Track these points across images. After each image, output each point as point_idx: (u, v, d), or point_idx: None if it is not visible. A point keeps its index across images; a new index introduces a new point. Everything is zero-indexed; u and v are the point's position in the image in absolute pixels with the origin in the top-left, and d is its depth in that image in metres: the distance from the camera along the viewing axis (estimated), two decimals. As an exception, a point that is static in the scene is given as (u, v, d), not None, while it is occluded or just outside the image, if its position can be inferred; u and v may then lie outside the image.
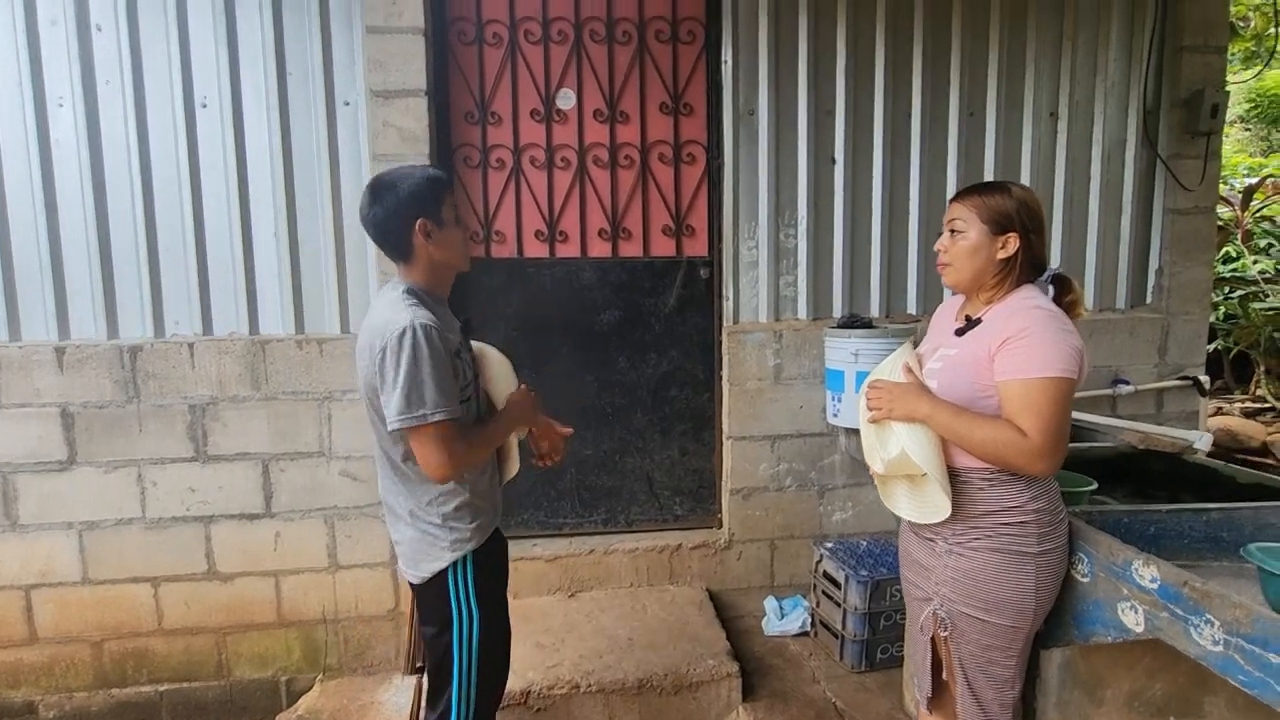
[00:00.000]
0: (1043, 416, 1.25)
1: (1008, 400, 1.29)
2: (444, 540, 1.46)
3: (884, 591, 2.25)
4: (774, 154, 2.62)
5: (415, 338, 1.33)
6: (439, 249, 1.47)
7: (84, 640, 2.41)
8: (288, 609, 2.49)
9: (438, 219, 1.45)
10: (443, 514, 1.46)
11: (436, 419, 1.34)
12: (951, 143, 2.71)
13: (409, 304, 1.40)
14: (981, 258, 1.37)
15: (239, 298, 2.41)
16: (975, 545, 1.35)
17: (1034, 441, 1.25)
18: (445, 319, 1.49)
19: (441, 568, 1.47)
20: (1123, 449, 2.07)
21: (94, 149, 2.31)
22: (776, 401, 2.66)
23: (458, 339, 1.49)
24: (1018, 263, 1.37)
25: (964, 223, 1.39)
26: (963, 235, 1.38)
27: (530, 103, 2.59)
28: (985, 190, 1.40)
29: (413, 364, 1.33)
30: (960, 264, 1.40)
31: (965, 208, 1.39)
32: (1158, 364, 2.86)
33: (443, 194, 1.47)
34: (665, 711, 2.13)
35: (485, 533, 1.52)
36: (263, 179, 2.40)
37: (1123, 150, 2.83)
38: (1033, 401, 1.25)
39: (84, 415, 2.34)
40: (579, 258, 2.66)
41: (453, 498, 1.46)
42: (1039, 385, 1.25)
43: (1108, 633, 1.33)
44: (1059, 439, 1.27)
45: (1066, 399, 1.26)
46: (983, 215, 1.37)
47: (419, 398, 1.33)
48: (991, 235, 1.36)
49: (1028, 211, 1.38)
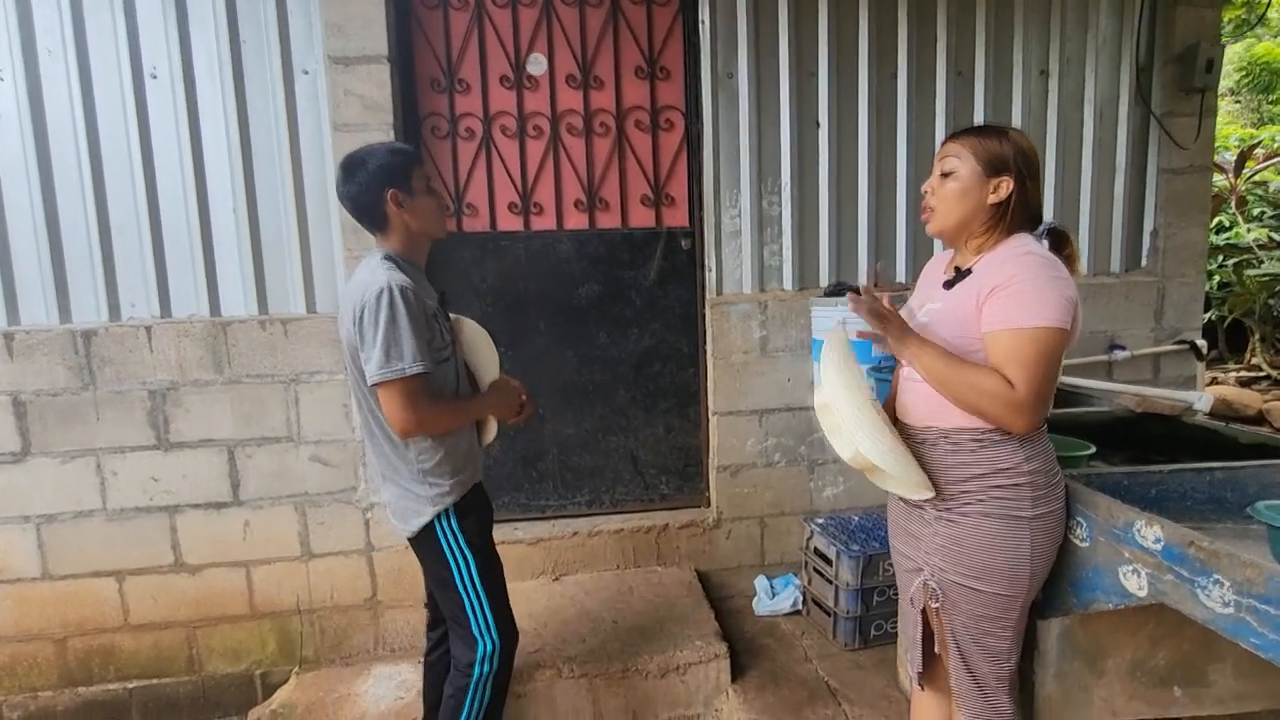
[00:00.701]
0: (1028, 368, 1.17)
1: (994, 352, 1.20)
2: (426, 496, 1.56)
3: (876, 566, 2.17)
4: (755, 118, 2.52)
5: (393, 296, 1.42)
6: (412, 217, 1.56)
7: (46, 638, 2.32)
8: (260, 600, 2.40)
9: (408, 188, 1.53)
10: (423, 470, 1.56)
11: (414, 371, 1.42)
12: (939, 103, 2.61)
13: (386, 268, 1.48)
14: (971, 201, 1.28)
15: (198, 278, 2.30)
16: (965, 510, 1.27)
17: (1018, 394, 1.17)
18: (423, 286, 1.57)
19: (426, 521, 1.57)
20: (1120, 413, 1.99)
21: (38, 124, 2.19)
22: (763, 375, 2.58)
23: (435, 305, 1.58)
24: (1010, 210, 1.28)
25: (957, 161, 1.29)
26: (954, 176, 1.29)
27: (499, 68, 2.47)
28: (982, 131, 1.31)
29: (390, 321, 1.42)
30: (947, 207, 1.31)
31: (960, 146, 1.30)
32: (1154, 328, 2.79)
33: (411, 165, 1.55)
34: (652, 696, 2.06)
35: (465, 487, 1.62)
36: (219, 153, 2.28)
37: (1115, 108, 2.73)
38: (1020, 353, 1.17)
39: (37, 404, 2.24)
40: (555, 230, 2.56)
41: (432, 455, 1.55)
42: (1027, 335, 1.17)
43: (1109, 599, 1.25)
44: (1043, 394, 1.18)
45: (1055, 352, 1.18)
46: (978, 155, 1.28)
47: (397, 353, 1.42)
48: (984, 177, 1.28)
49: (1024, 157, 1.28)
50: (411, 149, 1.59)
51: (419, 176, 1.56)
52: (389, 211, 1.53)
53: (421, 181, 1.57)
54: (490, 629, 1.64)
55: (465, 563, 1.60)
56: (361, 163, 1.54)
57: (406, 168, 1.54)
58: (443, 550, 1.59)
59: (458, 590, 1.61)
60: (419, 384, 1.46)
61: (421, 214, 1.57)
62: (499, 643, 1.64)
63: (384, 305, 1.42)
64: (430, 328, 1.51)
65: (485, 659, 1.63)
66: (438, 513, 1.57)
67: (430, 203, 1.59)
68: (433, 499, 1.57)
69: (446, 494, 1.58)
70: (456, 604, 1.63)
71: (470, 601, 1.62)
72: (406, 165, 1.55)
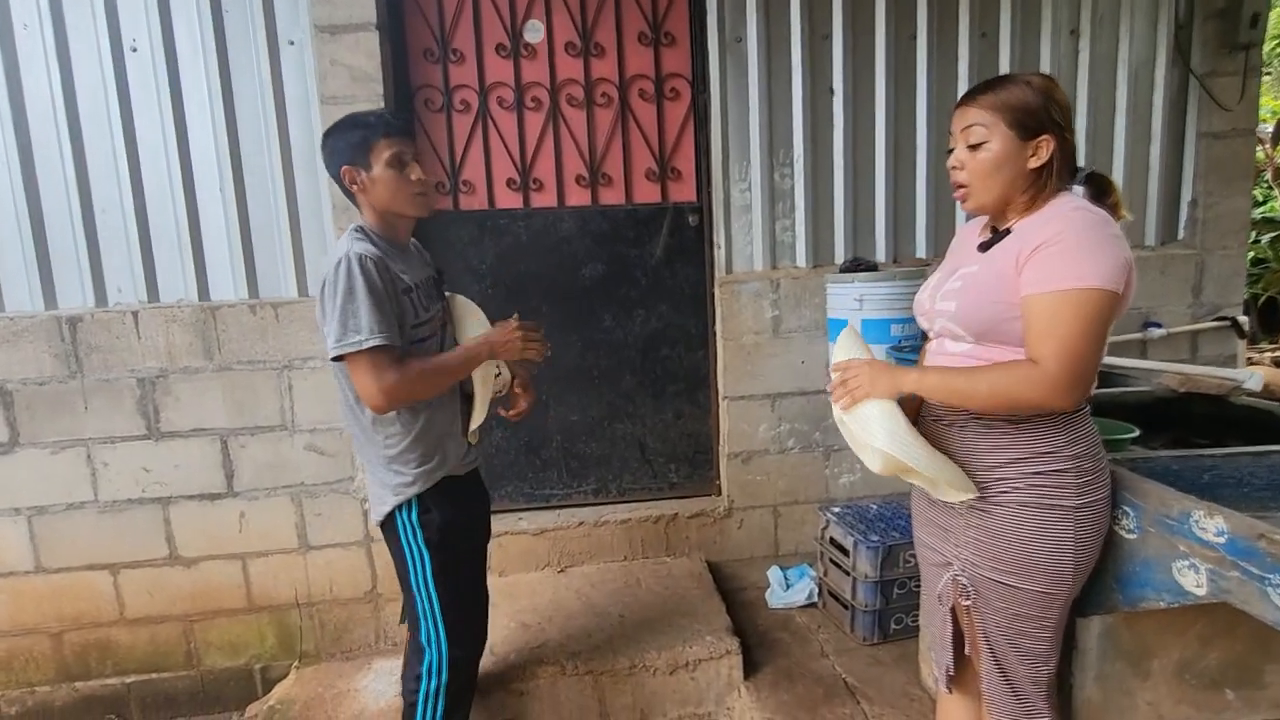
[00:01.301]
0: (1069, 336, 1.03)
1: (1031, 319, 1.07)
2: (389, 484, 1.47)
3: (897, 557, 2.06)
4: (766, 86, 2.38)
5: (350, 266, 1.34)
6: (371, 195, 1.46)
7: (42, 632, 2.27)
8: (258, 593, 2.34)
9: (364, 164, 1.43)
10: (388, 457, 1.47)
11: (372, 343, 1.33)
12: (962, 67, 2.45)
13: (353, 239, 1.41)
14: (1009, 172, 1.13)
15: (185, 261, 2.21)
16: (1002, 500, 1.15)
17: (1050, 368, 1.04)
18: (402, 261, 1.48)
19: (387, 510, 1.48)
20: (1160, 393, 1.85)
21: (15, 102, 2.10)
22: (776, 356, 2.46)
23: (413, 280, 1.47)
24: (1054, 171, 1.14)
25: (984, 130, 1.13)
26: (984, 147, 1.14)
27: (495, 36, 2.35)
28: (1001, 86, 1.14)
29: (348, 291, 1.33)
30: (984, 183, 1.15)
31: (983, 111, 1.14)
32: (1191, 304, 2.63)
33: (371, 139, 1.43)
34: (660, 694, 1.97)
35: (431, 479, 1.49)
36: (203, 130, 2.18)
37: (1151, 69, 2.56)
38: (1058, 318, 1.03)
39: (24, 393, 2.17)
40: (556, 208, 2.45)
41: (399, 440, 1.46)
42: (1070, 299, 1.03)
43: (1160, 597, 1.13)
44: (1082, 365, 1.04)
45: (1102, 318, 1.04)
46: (1007, 118, 1.12)
47: (355, 324, 1.33)
48: (1020, 142, 1.12)
49: (1058, 107, 1.14)
50: (383, 120, 1.45)
51: (383, 150, 1.43)
52: (350, 189, 1.46)
53: (385, 154, 1.43)
54: (439, 638, 1.52)
55: (420, 561, 1.50)
56: (327, 136, 1.46)
57: (365, 143, 1.42)
58: (400, 544, 1.50)
59: (411, 590, 1.52)
60: (384, 356, 1.35)
61: (381, 193, 1.45)
62: (446, 654, 1.52)
63: (341, 275, 1.33)
64: (399, 303, 1.40)
65: (432, 671, 1.52)
66: (399, 503, 1.48)
67: (392, 179, 1.44)
68: (395, 488, 1.47)
69: (409, 484, 1.47)
70: (409, 603, 1.54)
71: (422, 603, 1.51)
72: (366, 140, 1.42)
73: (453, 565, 1.53)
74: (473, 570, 1.62)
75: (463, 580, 1.57)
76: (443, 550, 1.51)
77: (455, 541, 1.54)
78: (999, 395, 1.08)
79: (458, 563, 1.55)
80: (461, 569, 1.56)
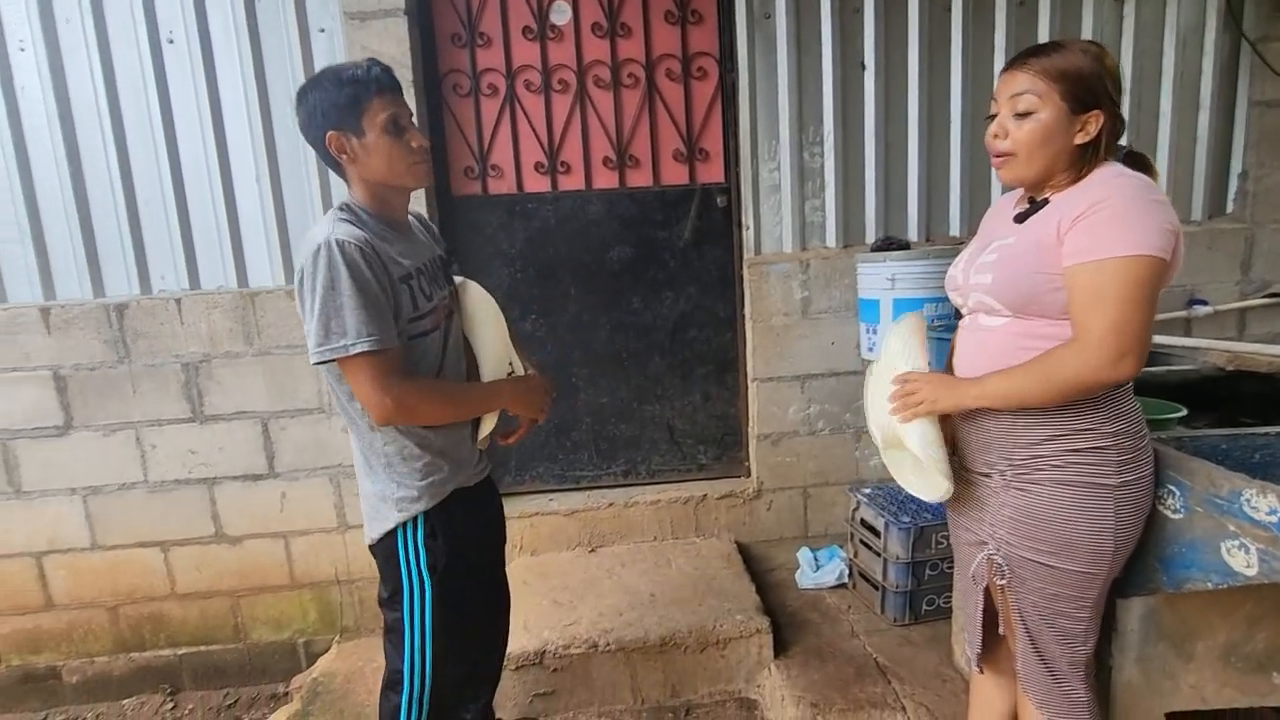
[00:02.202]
0: (1117, 306, 1.00)
1: (1076, 290, 1.04)
2: (390, 498, 1.28)
3: (928, 539, 2.04)
4: (795, 62, 2.34)
5: (331, 254, 1.13)
6: (363, 166, 1.24)
7: (100, 605, 2.38)
8: (300, 571, 2.42)
9: (355, 129, 1.21)
10: (389, 466, 1.28)
11: (360, 349, 1.14)
12: (999, 37, 2.38)
13: (337, 219, 1.20)
14: (1056, 146, 1.09)
15: (224, 248, 2.27)
16: (1039, 479, 1.13)
17: (1095, 340, 1.01)
18: (400, 244, 1.28)
19: (388, 529, 1.28)
20: (1206, 372, 1.79)
21: (60, 95, 2.16)
22: (805, 338, 2.44)
23: (413, 266, 1.27)
24: (1100, 147, 1.09)
25: (1036, 98, 1.08)
26: (1033, 117, 1.09)
27: (521, 19, 2.34)
28: (1056, 52, 1.09)
29: (329, 286, 1.13)
30: (1028, 155, 1.10)
31: (1034, 78, 1.08)
32: (1240, 281, 2.54)
33: (365, 97, 1.20)
34: (691, 670, 1.99)
35: (441, 492, 1.30)
36: (238, 119, 2.23)
37: (1200, 35, 2.45)
38: (1107, 288, 1.00)
39: (76, 378, 2.26)
40: (583, 190, 2.45)
41: (402, 450, 1.27)
42: (1115, 266, 1.00)
43: (1207, 578, 1.11)
44: (1134, 335, 1.01)
45: (1150, 286, 1.01)
46: (1061, 89, 1.07)
47: (339, 326, 1.14)
48: (1071, 115, 1.07)
49: (1112, 80, 1.09)
50: (373, 76, 1.21)
51: (377, 111, 1.21)
52: (336, 157, 1.24)
53: (380, 117, 1.21)
54: (423, 676, 1.31)
55: (420, 588, 1.29)
56: (304, 94, 1.22)
57: (357, 103, 1.19)
58: (399, 567, 1.29)
59: (402, 616, 1.30)
60: (382, 361, 1.16)
61: (376, 161, 1.22)
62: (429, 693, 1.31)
63: (321, 266, 1.13)
64: (396, 292, 1.21)
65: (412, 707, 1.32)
66: (402, 521, 1.27)
67: (389, 146, 1.22)
68: (397, 502, 1.27)
69: (414, 500, 1.27)
70: (394, 628, 1.32)
71: (412, 634, 1.29)
72: (356, 99, 1.19)
73: (456, 596, 1.33)
74: (480, 597, 1.42)
75: (466, 613, 1.36)
76: (448, 578, 1.31)
77: (462, 568, 1.34)
78: (1054, 381, 1.05)
79: (462, 591, 1.35)
80: (466, 598, 1.36)
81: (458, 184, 2.42)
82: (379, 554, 1.32)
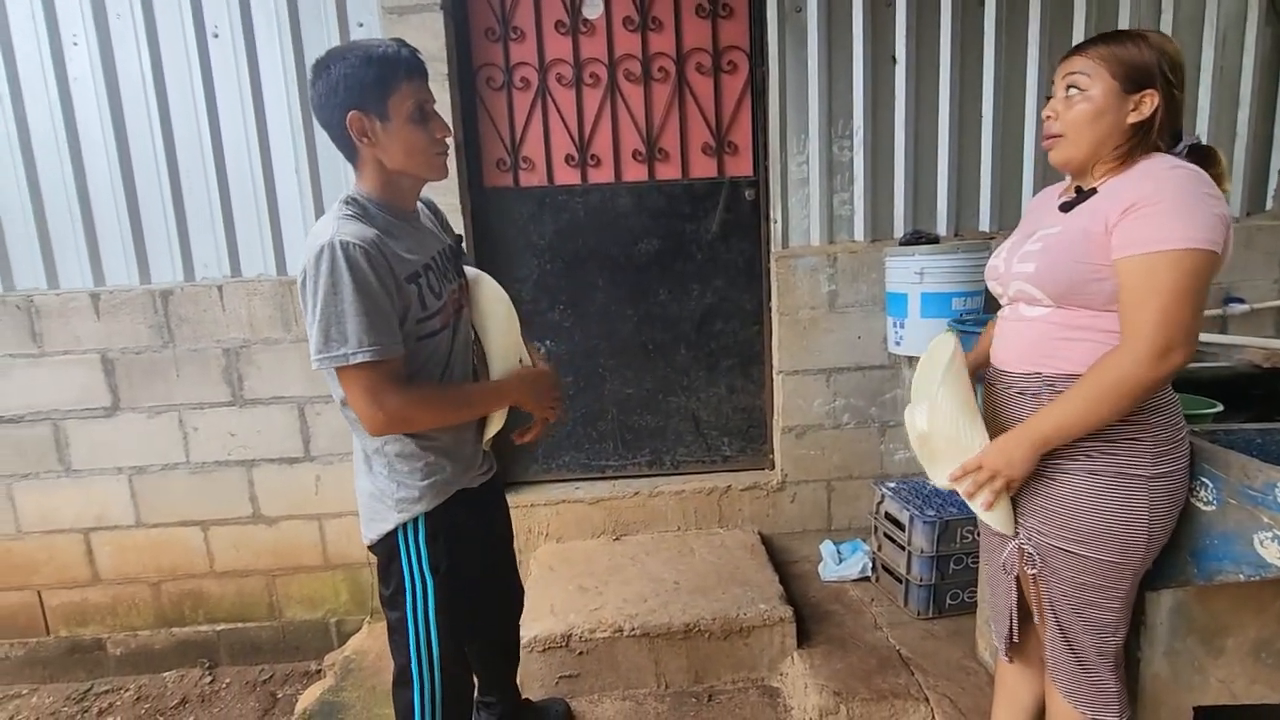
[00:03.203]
0: (1168, 299, 1.00)
1: (1127, 282, 1.04)
2: (390, 498, 1.25)
3: (953, 533, 2.05)
4: (825, 56, 2.34)
5: (334, 257, 1.08)
6: (383, 151, 1.18)
7: (143, 581, 2.47)
8: (333, 552, 2.48)
9: (380, 112, 1.14)
10: (390, 466, 1.24)
11: (359, 359, 1.10)
12: (1032, 32, 2.36)
13: (342, 216, 1.15)
14: (1106, 123, 1.09)
15: (264, 237, 2.34)
16: (1071, 469, 1.14)
17: (1144, 331, 1.01)
18: (409, 238, 1.24)
19: (388, 529, 1.25)
20: (1242, 369, 1.78)
21: (110, 87, 2.24)
22: (832, 332, 2.45)
23: (422, 261, 1.23)
24: (1154, 128, 1.09)
25: (1088, 79, 1.10)
26: (1085, 96, 1.10)
27: (554, 14, 2.38)
28: (1115, 39, 1.11)
29: (331, 290, 1.09)
30: (1078, 132, 1.11)
31: (1089, 60, 1.10)
32: (1278, 279, 2.49)
33: (392, 79, 1.14)
34: (714, 656, 2.02)
35: (443, 493, 1.27)
36: (279, 111, 2.29)
37: (1241, 30, 2.41)
38: (1158, 282, 1.00)
39: (123, 361, 2.34)
40: (613, 183, 2.48)
41: (402, 448, 1.24)
42: (1168, 260, 1.00)
43: (1238, 570, 1.11)
44: (1185, 329, 1.01)
45: (1202, 279, 1.01)
46: (1113, 69, 1.08)
47: (339, 332, 1.10)
48: (1123, 94, 1.08)
49: (1170, 63, 1.09)
50: (402, 57, 1.15)
51: (404, 97, 1.15)
52: (354, 140, 1.17)
53: (407, 103, 1.15)
54: (433, 679, 1.30)
55: (423, 589, 1.27)
56: (326, 67, 1.14)
57: (383, 83, 1.13)
58: (401, 568, 1.27)
59: (406, 617, 1.28)
60: (380, 372, 1.12)
61: (399, 149, 1.17)
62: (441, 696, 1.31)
63: (324, 270, 1.09)
64: (403, 295, 1.17)
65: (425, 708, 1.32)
66: (402, 522, 1.24)
67: (414, 135, 1.17)
68: (398, 503, 1.24)
69: (415, 500, 1.24)
70: (399, 629, 1.30)
71: (417, 636, 1.28)
72: (384, 80, 1.13)
73: (461, 596, 1.31)
74: (486, 596, 1.39)
75: (472, 613, 1.35)
76: (452, 578, 1.28)
77: (466, 569, 1.31)
78: (1108, 391, 1.04)
79: (467, 591, 1.32)
80: (471, 598, 1.34)
81: (490, 176, 2.46)
82: (379, 554, 1.30)
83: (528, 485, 2.60)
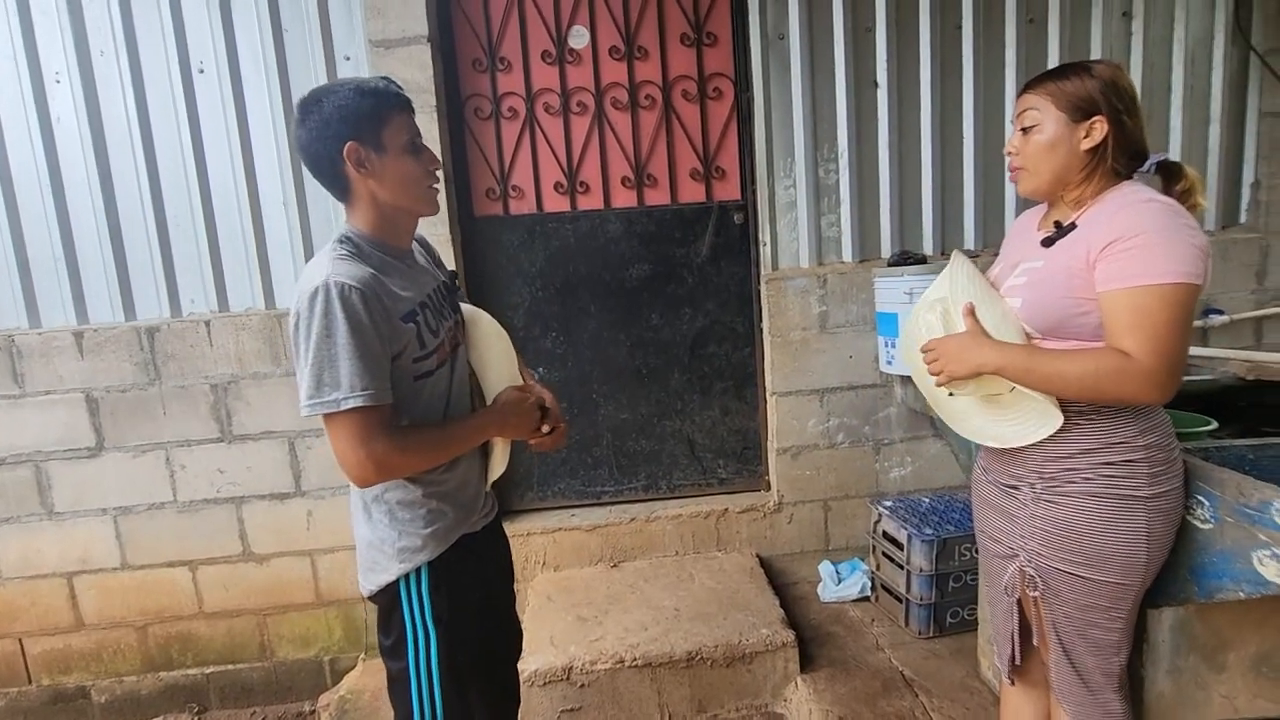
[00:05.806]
0: (1158, 332, 1.03)
1: (1113, 315, 1.07)
2: (391, 546, 1.20)
3: (952, 551, 2.06)
4: (809, 81, 2.38)
5: (329, 300, 1.05)
6: (379, 184, 1.15)
7: (128, 625, 2.41)
8: (325, 589, 2.44)
9: (376, 144, 1.13)
10: (390, 514, 1.20)
11: (350, 405, 1.07)
12: (1009, 54, 2.42)
13: (336, 256, 1.11)
14: (1062, 153, 1.15)
15: (252, 271, 2.32)
16: (1070, 491, 1.15)
17: (1144, 363, 1.04)
18: (404, 276, 1.20)
19: (389, 580, 1.20)
20: (1226, 381, 1.82)
21: (94, 125, 2.23)
22: (824, 352, 2.46)
23: (418, 299, 1.20)
24: (1108, 151, 1.14)
25: (1037, 113, 1.17)
26: (1037, 129, 1.17)
27: (541, 43, 2.40)
28: (1059, 74, 1.17)
29: (324, 335, 1.06)
30: (1036, 165, 1.18)
31: (1037, 96, 1.17)
32: (1255, 290, 2.55)
33: (386, 112, 1.14)
34: (718, 684, 2.00)
35: (447, 539, 1.23)
36: (266, 145, 2.28)
37: (1209, 49, 2.49)
38: (1147, 314, 1.04)
39: (108, 400, 2.30)
40: (602, 209, 2.49)
41: (403, 495, 1.20)
42: (1155, 294, 1.03)
43: (1238, 588, 1.12)
44: (1177, 358, 1.05)
45: (1187, 310, 1.05)
46: (1059, 102, 1.14)
47: (332, 377, 1.07)
48: (1072, 124, 1.14)
49: (1115, 90, 1.13)
50: (392, 91, 1.16)
51: (398, 129, 1.15)
52: (348, 175, 1.14)
53: (401, 137, 1.16)
54: None
55: (425, 640, 1.22)
56: (317, 102, 1.13)
57: (378, 115, 1.13)
58: (402, 618, 1.22)
59: (408, 669, 1.23)
60: (370, 418, 1.09)
61: (391, 181, 1.15)
62: None
63: (317, 313, 1.06)
64: (399, 336, 1.14)
65: None
66: (405, 572, 1.20)
67: (409, 167, 1.17)
68: (400, 552, 1.19)
69: (418, 549, 1.20)
70: (400, 682, 1.25)
71: (419, 688, 1.23)
72: (379, 112, 1.13)
73: (464, 645, 1.26)
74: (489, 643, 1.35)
75: (475, 660, 1.30)
76: (455, 628, 1.24)
77: (469, 617, 1.27)
78: (1088, 385, 1.07)
79: (470, 640, 1.28)
80: (474, 646, 1.29)
81: (480, 205, 2.46)
82: (379, 604, 1.25)
83: (523, 514, 2.57)
